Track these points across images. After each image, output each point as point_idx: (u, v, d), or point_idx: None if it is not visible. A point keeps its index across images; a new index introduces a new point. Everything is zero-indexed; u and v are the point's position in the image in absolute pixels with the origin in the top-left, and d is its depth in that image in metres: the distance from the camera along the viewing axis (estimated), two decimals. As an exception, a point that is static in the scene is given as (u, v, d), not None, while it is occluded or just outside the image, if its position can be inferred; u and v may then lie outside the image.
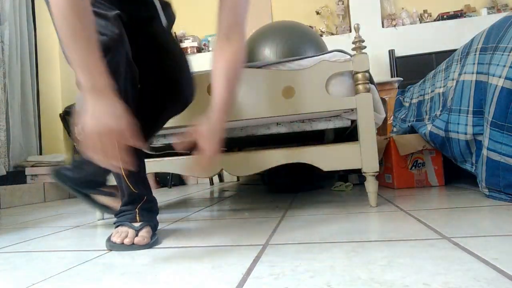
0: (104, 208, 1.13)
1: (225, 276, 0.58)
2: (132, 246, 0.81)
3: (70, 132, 2.79)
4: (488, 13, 3.50)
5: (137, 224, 0.86)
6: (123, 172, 0.86)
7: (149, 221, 0.89)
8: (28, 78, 2.73)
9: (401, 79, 3.07)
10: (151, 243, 0.84)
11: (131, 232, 0.83)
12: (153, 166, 1.34)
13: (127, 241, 0.81)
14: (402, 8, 3.72)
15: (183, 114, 1.13)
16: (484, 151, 1.20)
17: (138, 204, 0.90)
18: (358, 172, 1.94)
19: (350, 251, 0.67)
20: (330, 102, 1.18)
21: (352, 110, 1.22)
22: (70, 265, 0.71)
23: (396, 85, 3.02)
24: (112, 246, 0.82)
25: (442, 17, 3.56)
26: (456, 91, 1.42)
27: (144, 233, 0.84)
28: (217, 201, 1.69)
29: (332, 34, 3.79)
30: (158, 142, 1.40)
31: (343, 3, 3.80)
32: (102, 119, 0.64)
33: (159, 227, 1.06)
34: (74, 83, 3.16)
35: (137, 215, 0.87)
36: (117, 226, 0.87)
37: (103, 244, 0.89)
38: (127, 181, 0.88)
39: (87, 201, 1.12)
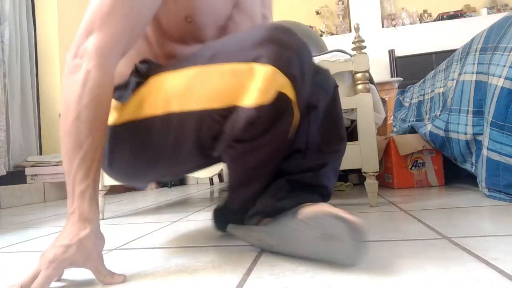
0: None
1: (225, 276, 0.58)
2: None
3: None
4: (488, 13, 3.50)
5: None
6: None
7: None
8: (28, 78, 2.73)
9: (401, 79, 3.08)
10: None
11: None
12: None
13: None
14: (402, 8, 3.72)
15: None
16: (484, 151, 1.20)
17: None
18: (358, 172, 1.94)
19: (350, 251, 0.67)
20: (330, 102, 1.18)
21: (352, 110, 1.22)
22: (70, 265, 0.71)
23: (396, 85, 3.03)
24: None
25: (442, 17, 3.57)
26: (456, 91, 1.42)
27: None
28: (217, 201, 1.69)
29: (332, 34, 3.79)
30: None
31: (343, 3, 3.80)
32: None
33: (158, 227, 1.07)
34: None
35: None
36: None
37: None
38: None
39: None
